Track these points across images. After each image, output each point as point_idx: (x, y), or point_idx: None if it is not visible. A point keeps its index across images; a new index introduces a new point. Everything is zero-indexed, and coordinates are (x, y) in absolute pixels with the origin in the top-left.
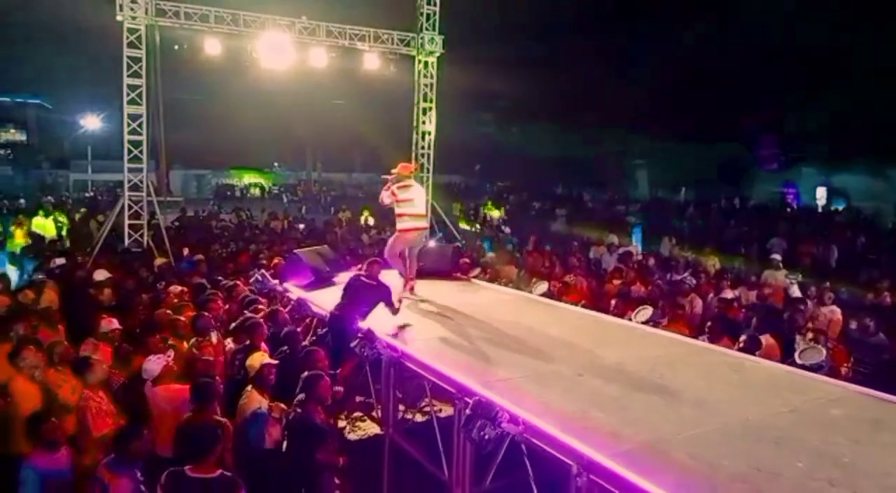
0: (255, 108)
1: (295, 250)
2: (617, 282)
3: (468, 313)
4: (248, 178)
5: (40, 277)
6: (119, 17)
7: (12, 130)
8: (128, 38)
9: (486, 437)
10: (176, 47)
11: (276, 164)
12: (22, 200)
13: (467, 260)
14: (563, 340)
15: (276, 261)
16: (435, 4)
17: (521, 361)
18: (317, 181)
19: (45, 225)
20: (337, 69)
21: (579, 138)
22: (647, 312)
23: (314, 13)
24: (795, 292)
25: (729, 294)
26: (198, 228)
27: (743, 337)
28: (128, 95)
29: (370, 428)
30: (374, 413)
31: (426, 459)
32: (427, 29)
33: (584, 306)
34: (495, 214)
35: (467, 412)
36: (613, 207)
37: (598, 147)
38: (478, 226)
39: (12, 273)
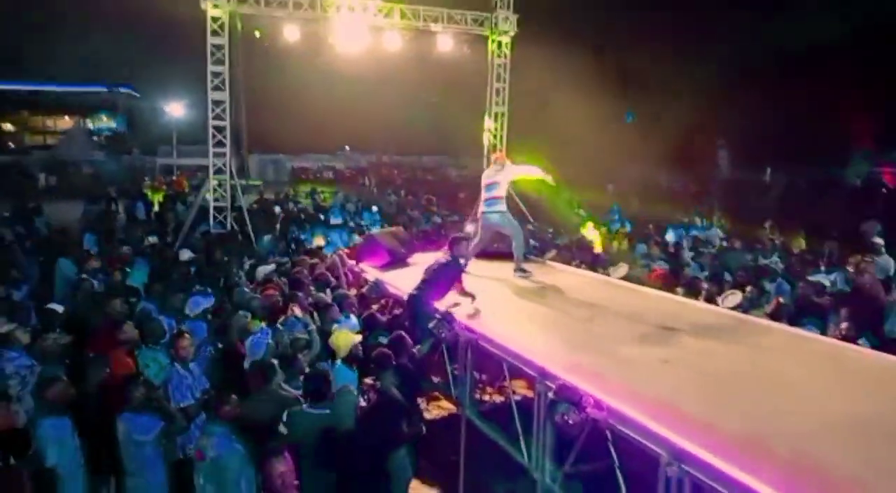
0: (328, 92)
1: (370, 232)
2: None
3: (544, 295)
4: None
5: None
6: (203, 6)
7: (105, 118)
8: (211, 26)
9: (570, 421)
10: (256, 34)
11: (346, 147)
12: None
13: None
14: (646, 324)
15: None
16: None
17: (603, 345)
18: (387, 164)
19: None
20: (410, 51)
21: (656, 117)
22: (735, 297)
23: None
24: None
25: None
26: (275, 211)
27: (844, 325)
28: (211, 81)
29: (447, 408)
30: (451, 394)
31: (505, 441)
32: (501, 7)
33: (663, 290)
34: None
35: (550, 395)
36: (693, 187)
37: (677, 125)
38: None
39: None
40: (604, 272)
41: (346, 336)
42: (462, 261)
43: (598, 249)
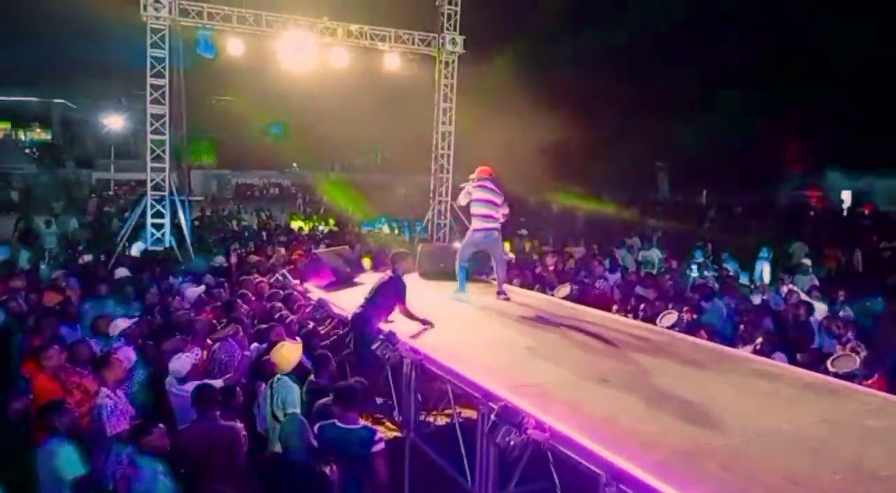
0: (275, 108)
1: (315, 251)
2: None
3: (490, 315)
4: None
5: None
6: (143, 17)
7: (38, 130)
8: (151, 37)
9: (512, 443)
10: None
11: (294, 164)
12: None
13: None
14: (588, 345)
15: (296, 259)
16: (456, 4)
17: (546, 366)
18: (334, 181)
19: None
20: (357, 69)
21: (600, 138)
22: (671, 317)
23: (335, 13)
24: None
25: (757, 300)
26: (218, 228)
27: (759, 340)
28: (151, 94)
29: (390, 431)
30: (394, 415)
31: (448, 463)
32: (448, 29)
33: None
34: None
35: (492, 417)
36: (633, 208)
37: (619, 148)
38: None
39: None
40: (548, 292)
41: (290, 349)
42: (400, 279)
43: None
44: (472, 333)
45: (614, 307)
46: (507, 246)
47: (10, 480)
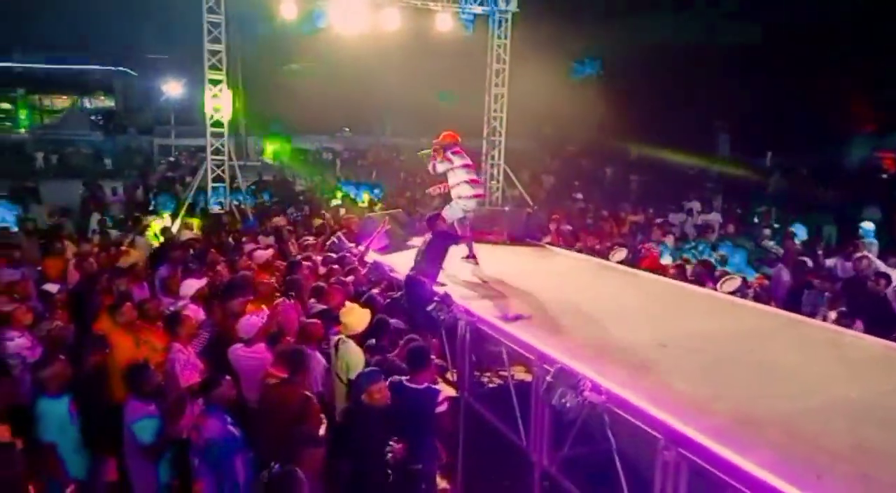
0: (327, 73)
1: (368, 214)
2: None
3: (544, 279)
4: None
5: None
6: None
7: (101, 97)
8: (207, 2)
9: (568, 405)
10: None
11: (346, 128)
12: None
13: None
14: (645, 309)
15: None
16: None
17: (601, 329)
18: (386, 146)
19: None
20: (409, 31)
21: (656, 97)
22: (734, 282)
23: None
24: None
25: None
26: (275, 192)
27: (836, 312)
28: (208, 60)
29: (445, 391)
30: (448, 376)
31: (503, 423)
32: None
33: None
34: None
35: (548, 379)
36: (692, 171)
37: (676, 107)
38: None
39: None
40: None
41: (358, 313)
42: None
43: None
44: (526, 295)
45: (671, 272)
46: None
47: (94, 425)
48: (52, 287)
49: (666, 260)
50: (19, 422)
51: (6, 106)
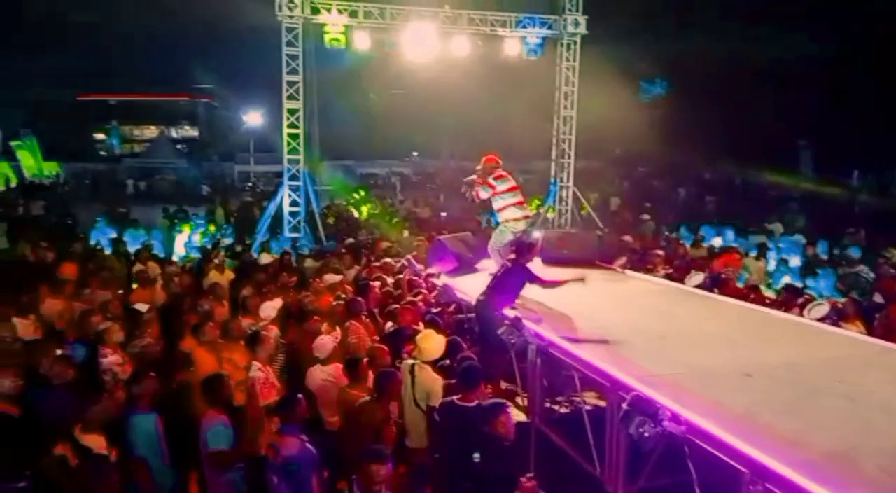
0: (395, 98)
1: (439, 237)
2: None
3: (617, 303)
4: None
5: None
6: (278, 17)
7: (186, 127)
8: (286, 36)
9: (646, 434)
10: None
11: (414, 153)
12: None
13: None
14: (725, 335)
15: (420, 245)
16: None
17: (679, 356)
18: (454, 169)
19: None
20: (477, 56)
21: (734, 116)
22: (822, 308)
23: (456, 1)
24: None
25: None
26: (346, 216)
27: None
28: (286, 90)
29: (515, 416)
30: (518, 400)
31: (576, 451)
32: (570, 10)
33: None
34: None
35: (624, 406)
36: (773, 191)
37: (755, 125)
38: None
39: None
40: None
41: (435, 339)
42: (529, 266)
43: None
44: (599, 319)
45: (753, 297)
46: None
47: (178, 440)
48: (141, 307)
49: (747, 284)
50: (112, 435)
51: (102, 136)
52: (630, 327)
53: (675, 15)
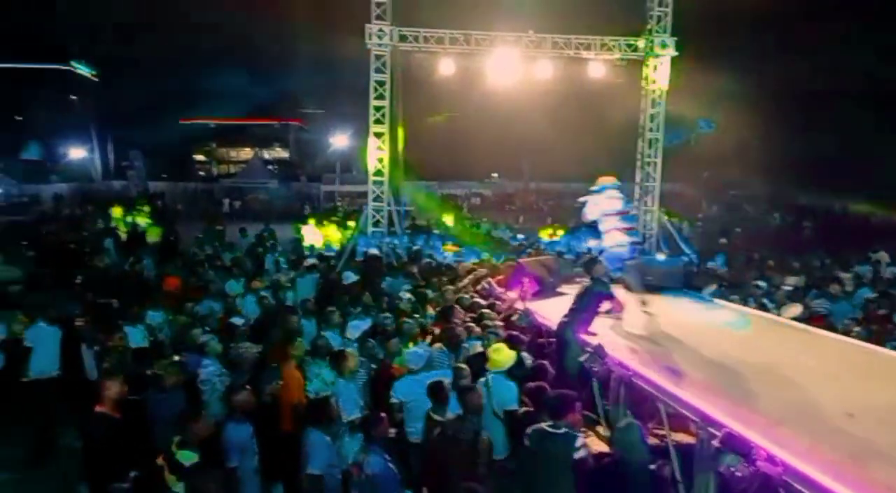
0: (478, 121)
1: (520, 260)
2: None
3: (706, 334)
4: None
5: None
6: (367, 45)
7: (278, 148)
8: (374, 63)
9: (738, 474)
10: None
11: (494, 174)
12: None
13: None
14: (825, 372)
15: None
16: (666, 5)
17: (774, 392)
18: (533, 191)
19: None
20: (560, 78)
21: (835, 139)
22: None
23: (541, 25)
24: None
25: None
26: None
27: None
28: (373, 115)
29: (595, 445)
30: (599, 430)
31: (660, 487)
32: (657, 32)
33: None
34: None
35: (715, 443)
36: (877, 218)
37: (860, 146)
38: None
39: None
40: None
41: (506, 351)
42: (605, 280)
43: None
44: (685, 350)
45: (855, 331)
46: None
47: (267, 450)
48: (237, 320)
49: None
50: (206, 450)
51: (202, 157)
52: (720, 359)
53: (772, 35)
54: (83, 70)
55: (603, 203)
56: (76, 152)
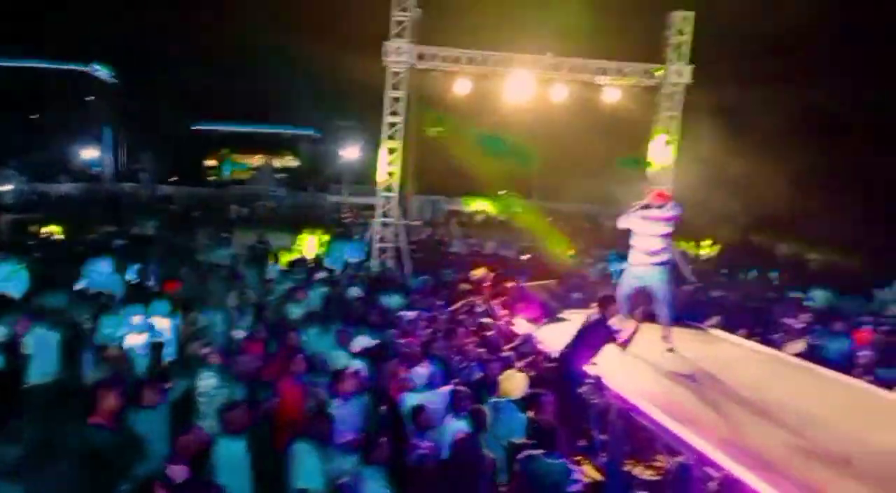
0: (489, 139)
1: (522, 284)
2: None
3: (706, 368)
4: (475, 205)
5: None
6: (384, 63)
7: (288, 157)
8: (391, 80)
9: None
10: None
11: (501, 192)
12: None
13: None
14: (825, 414)
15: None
16: (684, 33)
17: (773, 433)
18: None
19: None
20: (574, 99)
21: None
22: None
23: (559, 47)
24: None
25: None
26: (435, 252)
27: None
28: (387, 130)
29: (592, 476)
30: (596, 460)
31: None
32: (672, 60)
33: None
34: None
35: (712, 485)
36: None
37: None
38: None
39: None
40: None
41: (517, 379)
42: (612, 323)
43: None
44: (686, 385)
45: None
46: None
47: (259, 468)
48: (239, 333)
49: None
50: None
51: (213, 163)
52: (720, 396)
53: (793, 59)
54: (103, 71)
55: (630, 217)
56: (88, 153)
